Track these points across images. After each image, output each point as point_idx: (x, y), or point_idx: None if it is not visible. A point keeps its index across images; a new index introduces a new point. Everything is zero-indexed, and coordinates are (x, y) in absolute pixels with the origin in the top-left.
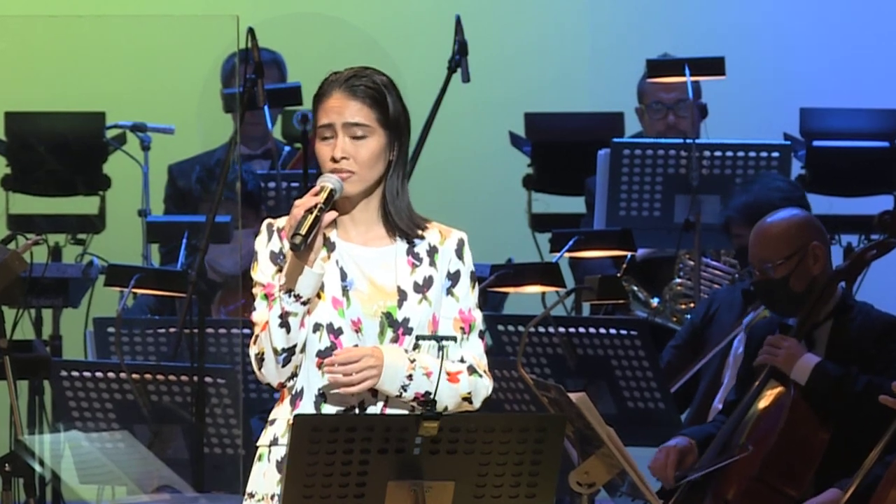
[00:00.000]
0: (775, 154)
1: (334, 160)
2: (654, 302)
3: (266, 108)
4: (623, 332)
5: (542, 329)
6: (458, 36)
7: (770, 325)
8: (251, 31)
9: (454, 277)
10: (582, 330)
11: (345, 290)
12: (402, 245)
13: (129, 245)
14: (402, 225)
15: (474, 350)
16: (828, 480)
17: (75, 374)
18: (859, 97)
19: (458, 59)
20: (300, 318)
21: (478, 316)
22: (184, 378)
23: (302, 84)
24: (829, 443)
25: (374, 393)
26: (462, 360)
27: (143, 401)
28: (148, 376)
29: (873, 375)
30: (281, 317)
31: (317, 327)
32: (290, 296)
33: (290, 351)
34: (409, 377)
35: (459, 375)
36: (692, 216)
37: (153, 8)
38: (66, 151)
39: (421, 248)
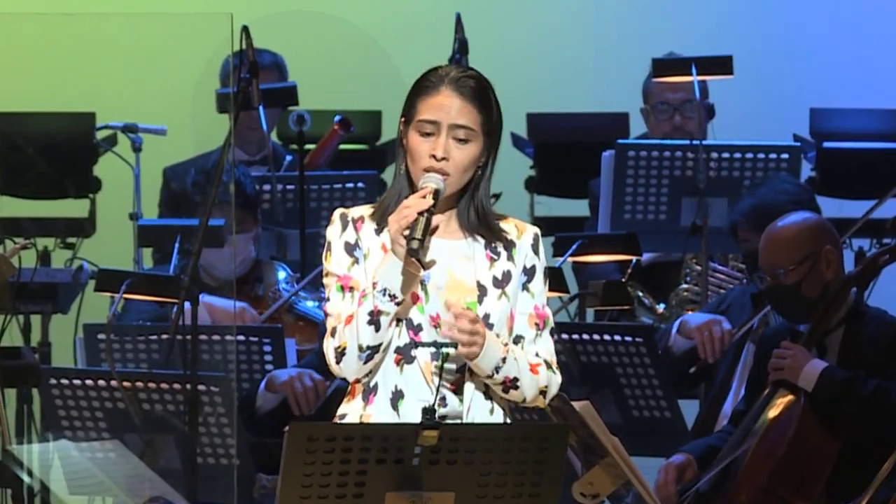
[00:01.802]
0: (784, 156)
1: (434, 158)
2: (660, 308)
3: (262, 108)
4: (628, 338)
5: None
6: (458, 34)
7: (781, 332)
8: (245, 29)
9: (530, 273)
10: (586, 336)
11: (422, 285)
12: (479, 239)
13: (119, 249)
14: (483, 233)
15: (547, 346)
16: (838, 491)
17: (65, 381)
18: (871, 97)
19: (459, 58)
20: (391, 318)
21: (549, 312)
22: (176, 386)
23: (297, 84)
24: (840, 452)
25: (455, 391)
26: (537, 355)
27: (134, 409)
28: (139, 384)
29: (882, 381)
30: (371, 314)
31: (396, 322)
32: (384, 294)
33: (376, 349)
34: (503, 359)
35: (538, 368)
36: (699, 219)
37: (145, 5)
38: (55, 153)
39: (498, 242)
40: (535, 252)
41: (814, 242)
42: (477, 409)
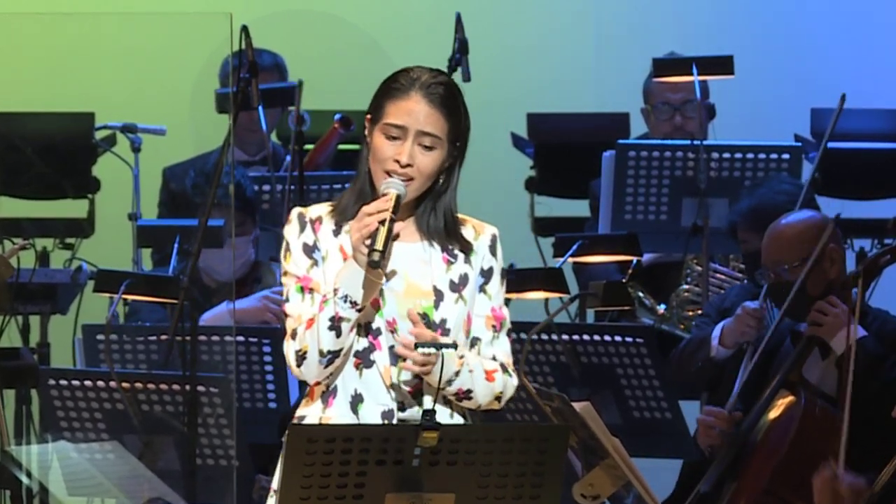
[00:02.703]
0: (785, 156)
1: (398, 163)
2: (661, 308)
3: (261, 109)
4: (629, 339)
5: (545, 336)
6: (458, 34)
7: (780, 334)
8: (245, 28)
9: (487, 274)
10: (586, 337)
11: (380, 289)
12: (436, 242)
13: (119, 250)
14: (443, 237)
15: (504, 347)
16: None
17: (63, 382)
18: (872, 97)
19: (459, 57)
20: (352, 324)
21: (506, 314)
22: (175, 387)
23: (297, 84)
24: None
25: (414, 395)
26: (494, 359)
27: (133, 410)
28: (138, 385)
29: None
30: (332, 320)
31: (357, 327)
32: (346, 301)
33: (337, 354)
34: (457, 373)
35: (495, 374)
36: (700, 220)
37: (144, 5)
38: (53, 153)
39: (455, 244)
40: (493, 253)
41: (818, 240)
42: (436, 414)
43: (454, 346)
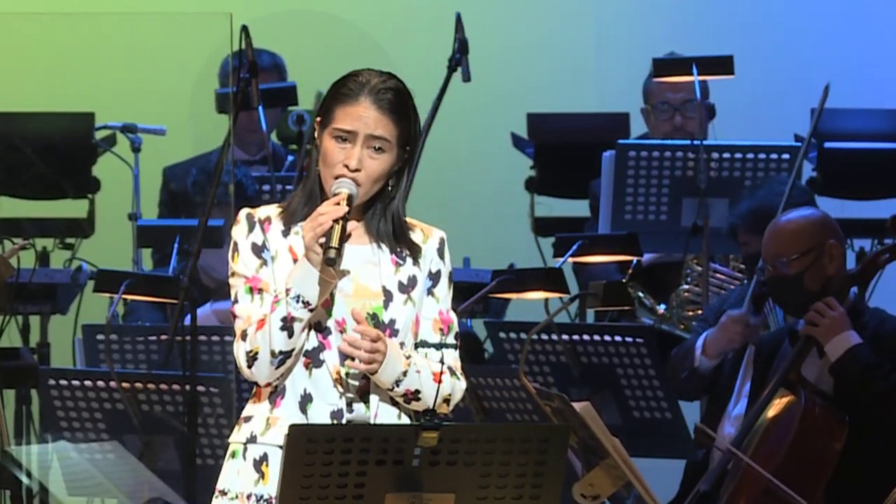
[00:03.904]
0: (785, 156)
1: (347, 167)
2: (661, 308)
3: (261, 109)
4: (629, 339)
5: (545, 336)
6: (458, 34)
7: (779, 334)
8: (245, 28)
9: (435, 277)
10: (586, 337)
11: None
12: (384, 245)
13: (119, 250)
14: (392, 240)
15: (452, 352)
16: (839, 493)
17: (63, 382)
18: (872, 97)
19: (459, 57)
20: (304, 324)
21: (454, 317)
22: (175, 387)
23: (297, 83)
24: (841, 453)
25: (361, 395)
26: (441, 362)
27: (133, 410)
28: (139, 385)
29: None
30: (284, 320)
31: (308, 327)
32: (298, 301)
33: (289, 354)
34: (404, 373)
35: (443, 376)
36: (700, 220)
37: (144, 5)
38: (53, 153)
39: (404, 247)
40: (441, 257)
41: (818, 236)
42: (384, 415)
43: (454, 346)
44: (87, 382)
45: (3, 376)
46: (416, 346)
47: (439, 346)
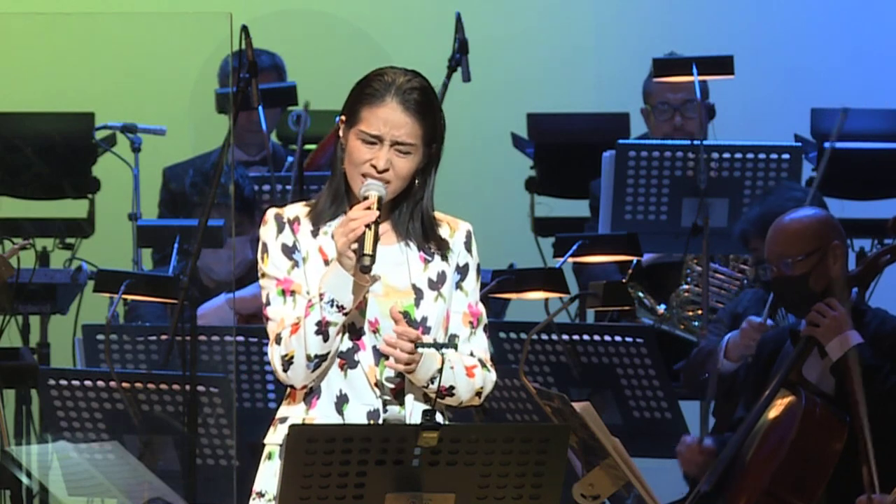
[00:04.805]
0: (785, 156)
1: (375, 168)
2: (661, 309)
3: (261, 109)
4: (629, 339)
5: (545, 336)
6: (458, 34)
7: (780, 334)
8: (245, 28)
9: (463, 271)
10: (586, 337)
11: None
12: (412, 242)
13: (119, 250)
14: (420, 238)
15: (482, 344)
16: (840, 493)
17: (63, 382)
18: (872, 97)
19: (459, 57)
20: (339, 327)
21: (482, 309)
22: (175, 387)
23: (297, 83)
24: (842, 454)
25: (395, 395)
26: (472, 355)
27: (133, 410)
28: (138, 385)
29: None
30: (319, 324)
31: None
32: (332, 305)
33: (325, 357)
34: (439, 370)
35: (475, 370)
36: (700, 220)
37: (144, 5)
38: (53, 153)
39: (431, 243)
40: (468, 250)
41: (822, 236)
42: (418, 414)
43: (454, 346)
44: (87, 382)
45: (3, 376)
46: (416, 345)
47: (440, 347)
